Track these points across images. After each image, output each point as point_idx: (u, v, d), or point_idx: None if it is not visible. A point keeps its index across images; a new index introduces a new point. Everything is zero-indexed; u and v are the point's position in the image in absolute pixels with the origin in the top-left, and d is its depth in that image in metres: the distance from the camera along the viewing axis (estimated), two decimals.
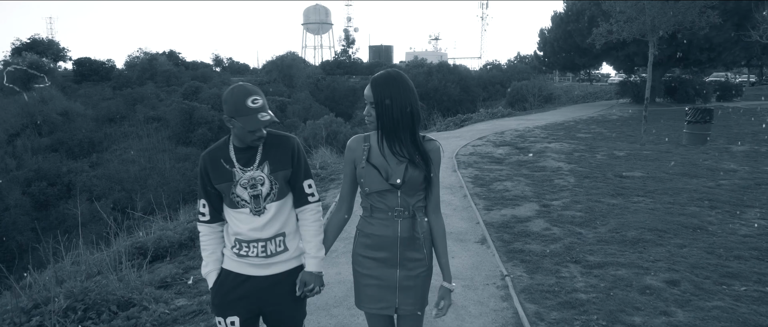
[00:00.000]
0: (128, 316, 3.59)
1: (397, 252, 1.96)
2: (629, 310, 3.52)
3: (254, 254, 2.01)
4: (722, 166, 9.04)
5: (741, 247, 4.76)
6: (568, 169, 8.78)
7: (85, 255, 5.50)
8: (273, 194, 2.01)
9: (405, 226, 1.95)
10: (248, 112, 1.88)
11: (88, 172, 33.42)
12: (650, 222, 5.54)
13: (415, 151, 1.91)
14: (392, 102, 1.87)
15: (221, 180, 1.98)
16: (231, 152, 2.00)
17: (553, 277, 4.15)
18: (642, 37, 11.34)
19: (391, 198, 1.94)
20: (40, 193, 29.14)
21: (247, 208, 1.98)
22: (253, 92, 1.90)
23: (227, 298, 2.02)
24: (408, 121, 1.89)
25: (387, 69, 1.98)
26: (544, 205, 6.37)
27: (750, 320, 3.33)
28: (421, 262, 1.99)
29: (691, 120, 11.76)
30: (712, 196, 6.77)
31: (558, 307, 3.63)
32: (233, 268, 2.05)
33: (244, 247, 2.01)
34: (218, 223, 2.08)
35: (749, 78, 50.08)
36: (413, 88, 1.92)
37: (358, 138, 2.03)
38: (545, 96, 32.32)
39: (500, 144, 12.17)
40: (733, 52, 22.54)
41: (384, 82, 1.90)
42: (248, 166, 1.99)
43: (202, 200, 2.06)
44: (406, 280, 1.97)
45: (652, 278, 4.04)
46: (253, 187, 1.98)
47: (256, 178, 1.98)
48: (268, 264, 2.03)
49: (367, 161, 1.96)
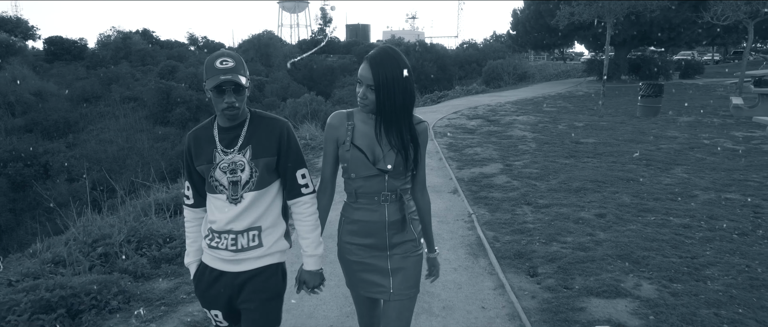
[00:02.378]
0: (172, 247, 4.50)
1: (386, 237, 1.87)
2: (564, 233, 4.60)
3: (223, 247, 1.84)
4: (666, 134, 10.28)
5: (660, 192, 5.90)
6: (531, 138, 9.89)
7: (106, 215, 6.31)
8: (252, 182, 1.82)
9: (392, 209, 1.87)
10: (214, 72, 1.72)
11: (65, 152, 33.22)
12: (593, 176, 6.66)
13: (410, 135, 1.81)
14: (394, 84, 1.72)
15: (202, 161, 1.83)
16: (215, 131, 1.84)
17: (509, 214, 5.21)
18: (600, 19, 12.43)
19: (377, 182, 1.84)
20: (16, 174, 28.95)
21: (225, 194, 1.81)
22: (225, 55, 1.77)
23: (207, 293, 1.90)
24: (408, 103, 1.78)
25: (382, 46, 1.83)
26: (507, 165, 7.45)
27: (651, 236, 4.44)
28: (412, 243, 1.92)
29: (644, 94, 13.00)
30: (650, 157, 7.94)
31: (511, 232, 4.69)
32: (208, 261, 1.91)
33: (216, 238, 1.86)
34: (202, 208, 1.93)
35: (713, 57, 52.35)
36: (409, 65, 1.79)
37: (340, 115, 1.89)
38: (520, 74, 33.51)
39: (473, 117, 13.23)
40: (692, 32, 23.97)
41: (384, 60, 1.73)
42: (230, 148, 1.82)
43: (187, 182, 1.92)
44: (399, 263, 1.89)
45: (585, 213, 5.14)
46: (232, 172, 1.80)
47: (236, 163, 1.81)
48: (238, 260, 1.85)
49: (352, 143, 1.82)
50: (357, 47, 52.67)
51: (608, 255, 4.05)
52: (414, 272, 1.93)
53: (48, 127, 37.37)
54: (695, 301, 3.30)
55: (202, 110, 38.77)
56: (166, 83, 40.30)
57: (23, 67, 45.29)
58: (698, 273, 3.72)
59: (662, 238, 4.40)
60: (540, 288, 3.59)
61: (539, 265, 3.96)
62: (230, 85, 1.73)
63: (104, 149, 34.42)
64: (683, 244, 4.29)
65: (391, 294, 1.89)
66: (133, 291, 3.64)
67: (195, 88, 40.51)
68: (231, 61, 1.75)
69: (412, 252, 1.92)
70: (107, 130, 37.89)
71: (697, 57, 42.65)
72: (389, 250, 1.89)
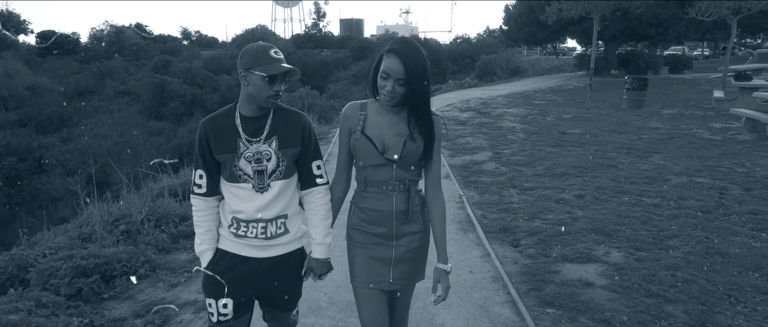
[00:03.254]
0: (188, 225, 4.91)
1: (393, 226, 1.89)
2: (545, 212, 5.05)
3: (253, 235, 1.88)
4: (649, 125, 10.77)
5: (637, 177, 6.38)
6: (520, 128, 10.35)
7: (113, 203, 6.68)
8: (279, 172, 1.87)
9: (400, 199, 1.88)
10: (270, 60, 1.76)
11: (59, 146, 33.28)
12: (576, 163, 7.12)
13: (426, 124, 1.82)
14: (424, 74, 1.74)
15: (224, 150, 1.83)
16: (237, 120, 1.84)
17: (496, 196, 5.66)
18: (587, 15, 12.89)
19: (386, 171, 1.85)
20: (10, 169, 28.97)
21: (250, 183, 1.84)
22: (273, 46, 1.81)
23: (225, 278, 1.88)
24: (430, 91, 1.81)
25: (403, 37, 1.86)
26: (496, 153, 7.90)
27: (623, 213, 4.91)
28: (417, 235, 1.93)
29: (629, 87, 13.51)
30: (631, 146, 8.42)
31: (497, 211, 5.14)
32: (230, 248, 1.91)
33: (243, 227, 1.88)
34: (215, 197, 1.92)
35: (703, 52, 53.19)
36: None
37: (355, 105, 1.93)
38: (512, 69, 33.97)
39: (465, 110, 13.68)
40: (680, 28, 24.53)
41: (412, 53, 1.74)
42: (255, 137, 1.84)
43: (199, 170, 1.88)
44: (402, 254, 1.91)
45: (566, 195, 5.60)
46: (257, 162, 1.84)
47: (262, 152, 1.84)
48: (268, 246, 1.91)
49: (362, 132, 1.86)
50: (351, 42, 52.91)
51: (584, 229, 4.51)
52: (416, 263, 1.97)
53: (42, 122, 37.28)
54: (656, 265, 3.76)
55: (196, 105, 38.97)
56: (160, 78, 40.24)
57: (16, 61, 45.10)
58: (662, 243, 4.19)
59: (633, 215, 4.86)
60: (521, 256, 4.04)
61: (522, 238, 4.41)
62: (283, 75, 1.78)
63: (99, 144, 34.44)
64: (652, 220, 4.76)
65: (390, 283, 1.91)
66: (158, 261, 4.06)
67: (189, 83, 40.67)
68: (280, 53, 1.82)
69: (416, 243, 1.93)
70: (101, 125, 37.88)
71: (688, 52, 43.41)
72: (395, 239, 1.90)
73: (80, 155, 31.77)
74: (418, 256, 1.97)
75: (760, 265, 3.74)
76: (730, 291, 3.38)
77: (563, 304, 3.23)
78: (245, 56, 1.79)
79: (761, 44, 52.10)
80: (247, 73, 1.77)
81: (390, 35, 47.99)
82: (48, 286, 3.52)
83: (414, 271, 1.97)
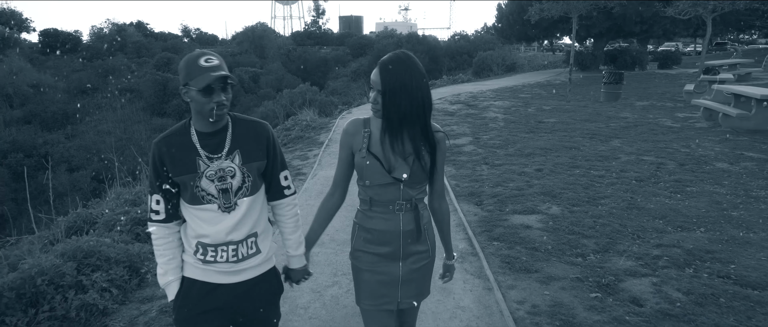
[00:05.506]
0: None
1: (400, 246, 1.85)
2: (508, 181, 6.13)
3: (224, 259, 1.75)
4: (620, 115, 11.84)
5: (593, 156, 7.45)
6: (502, 118, 11.42)
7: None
8: (246, 188, 1.76)
9: (407, 219, 1.84)
10: (201, 70, 1.61)
11: (64, 143, 34.17)
12: (544, 145, 8.20)
13: (425, 143, 1.78)
14: (403, 91, 1.70)
15: (182, 171, 1.69)
16: (193, 137, 1.71)
17: (470, 170, 6.74)
18: (567, 15, 13.94)
19: (393, 191, 1.81)
20: (16, 165, 29.75)
21: (215, 204, 1.71)
22: (207, 53, 1.67)
23: (194, 311, 1.77)
24: (419, 111, 1.74)
25: (397, 51, 1.80)
26: (476, 138, 8.98)
27: (571, 182, 5.99)
28: (424, 254, 1.90)
29: (606, 81, 14.58)
30: (597, 132, 9.49)
31: (469, 181, 6.22)
32: (198, 276, 1.78)
33: (211, 252, 1.75)
34: (175, 222, 1.78)
35: (695, 48, 54.31)
36: (424, 72, 1.77)
37: (357, 122, 1.88)
38: (508, 65, 34.95)
39: (455, 102, 14.75)
40: (664, 25, 25.58)
41: (395, 66, 1.72)
42: (216, 154, 1.72)
43: (155, 196, 1.73)
44: (409, 274, 1.88)
45: (528, 169, 6.68)
46: (221, 180, 1.71)
47: (224, 169, 1.71)
48: (240, 270, 1.79)
49: (368, 151, 1.80)
50: (350, 39, 53.89)
51: (535, 193, 5.59)
52: (423, 282, 1.97)
53: (46, 119, 37.98)
54: (585, 215, 4.84)
55: None
56: (162, 75, 40.95)
57: (20, 59, 45.84)
58: (594, 201, 5.27)
59: (578, 183, 5.94)
60: (482, 211, 5.12)
61: (485, 200, 5.48)
62: (220, 82, 1.62)
63: (103, 140, 35.21)
64: (593, 186, 5.84)
65: (398, 303, 1.90)
66: None
67: None
68: (215, 59, 1.65)
69: (423, 261, 1.91)
70: (105, 122, 38.66)
71: (682, 48, 44.53)
72: (402, 260, 1.87)
73: (85, 151, 32.47)
74: (425, 275, 1.96)
75: (666, 215, 4.82)
76: (636, 231, 4.45)
77: (506, 239, 4.31)
78: (180, 71, 1.66)
79: (755, 41, 53.35)
80: (186, 88, 1.65)
81: (389, 32, 48.85)
82: (115, 231, 4.58)
83: (422, 289, 1.98)
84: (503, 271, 3.76)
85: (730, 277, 3.54)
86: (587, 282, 3.53)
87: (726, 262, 3.77)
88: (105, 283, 3.36)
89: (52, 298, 3.16)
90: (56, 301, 3.15)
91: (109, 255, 3.57)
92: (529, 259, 3.93)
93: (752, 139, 8.44)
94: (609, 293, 3.37)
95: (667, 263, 3.79)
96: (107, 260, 3.55)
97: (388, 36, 46.33)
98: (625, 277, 3.58)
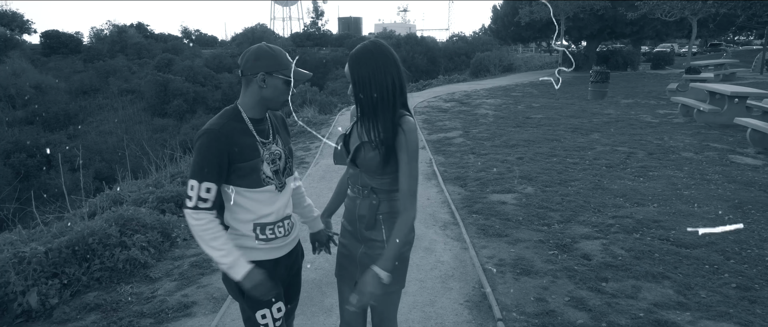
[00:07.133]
0: None
1: (357, 228, 1.94)
2: (492, 168, 6.80)
3: (282, 234, 1.90)
4: (604, 111, 12.52)
5: (571, 147, 8.12)
6: (492, 115, 12.10)
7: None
8: (289, 168, 1.93)
9: (363, 205, 1.91)
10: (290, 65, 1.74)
11: (66, 143, 34.67)
12: (528, 138, 8.87)
13: (393, 132, 1.76)
14: (372, 80, 1.72)
15: (249, 157, 1.76)
16: (248, 124, 1.79)
17: (458, 159, 7.42)
18: (554, 18, 14.63)
19: (355, 175, 1.92)
20: (20, 165, 30.18)
21: (272, 185, 1.83)
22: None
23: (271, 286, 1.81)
24: (390, 99, 1.74)
25: (365, 42, 1.79)
26: (466, 132, 9.66)
27: (547, 167, 6.66)
28: (380, 243, 1.91)
29: (593, 80, 15.27)
30: (579, 126, 10.17)
31: (456, 168, 6.89)
32: (261, 257, 1.87)
33: (269, 230, 1.86)
34: (216, 210, 1.77)
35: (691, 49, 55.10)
36: (396, 59, 1.77)
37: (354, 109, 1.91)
38: (506, 66, 35.60)
39: (449, 100, 15.44)
40: (656, 26, 26.28)
41: (362, 57, 1.74)
42: (266, 138, 1.84)
43: (208, 184, 1.70)
44: (366, 258, 1.92)
45: (511, 157, 7.36)
46: (273, 162, 1.83)
47: (274, 153, 1.85)
48: (290, 242, 1.97)
49: (345, 134, 1.93)
50: (349, 40, 54.58)
51: (515, 177, 6.26)
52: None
53: (49, 119, 38.34)
54: (555, 194, 5.51)
55: (198, 102, 40.47)
56: (163, 76, 41.39)
57: (22, 60, 46.26)
58: (566, 183, 5.94)
59: (554, 169, 6.62)
60: (465, 191, 5.79)
61: (469, 182, 6.16)
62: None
63: (104, 140, 35.70)
64: (566, 171, 6.51)
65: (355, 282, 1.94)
66: None
67: (191, 81, 42.16)
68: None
69: (378, 251, 1.88)
70: (106, 122, 39.10)
71: (678, 49, 45.31)
72: (362, 243, 1.94)
73: (87, 151, 32.88)
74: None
75: (626, 194, 5.50)
76: (598, 206, 5.12)
77: (483, 212, 4.98)
78: (264, 58, 1.74)
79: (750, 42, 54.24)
80: (268, 76, 1.74)
81: (387, 34, 49.56)
82: (144, 206, 5.23)
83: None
84: (478, 236, 4.43)
85: (668, 239, 4.21)
86: (548, 243, 4.20)
87: (668, 229, 4.44)
88: (144, 244, 4.03)
89: (101, 253, 3.83)
90: (105, 257, 3.82)
91: (145, 221, 4.23)
92: (502, 227, 4.60)
93: (721, 133, 9.13)
94: (564, 251, 4.04)
95: (618, 229, 4.46)
96: (144, 226, 4.22)
97: (387, 37, 46.97)
98: (580, 240, 4.25)
